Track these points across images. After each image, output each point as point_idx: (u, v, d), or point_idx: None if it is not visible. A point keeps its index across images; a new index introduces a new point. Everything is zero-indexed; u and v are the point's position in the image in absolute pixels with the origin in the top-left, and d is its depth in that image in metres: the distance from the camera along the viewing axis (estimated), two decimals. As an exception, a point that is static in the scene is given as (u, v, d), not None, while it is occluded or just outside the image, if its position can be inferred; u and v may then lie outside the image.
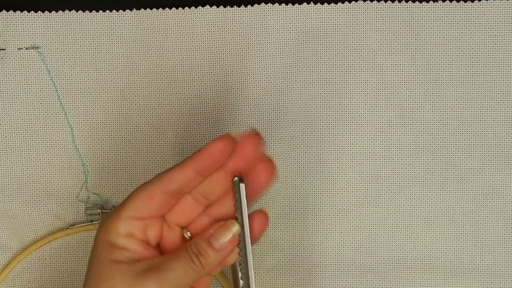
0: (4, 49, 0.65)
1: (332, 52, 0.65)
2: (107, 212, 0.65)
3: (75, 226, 0.66)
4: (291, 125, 0.66)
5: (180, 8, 0.65)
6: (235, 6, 0.65)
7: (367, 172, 0.66)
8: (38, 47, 0.65)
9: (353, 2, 0.65)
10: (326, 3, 0.65)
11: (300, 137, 0.66)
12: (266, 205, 0.65)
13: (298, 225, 0.66)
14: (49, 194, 0.66)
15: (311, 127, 0.66)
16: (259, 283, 0.66)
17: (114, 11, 0.65)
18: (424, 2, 0.65)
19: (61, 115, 0.66)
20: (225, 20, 0.65)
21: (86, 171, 0.66)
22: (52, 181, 0.66)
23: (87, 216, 0.66)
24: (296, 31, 0.65)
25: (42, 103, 0.66)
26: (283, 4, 0.65)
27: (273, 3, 0.65)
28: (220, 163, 0.52)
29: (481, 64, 0.65)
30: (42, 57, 0.65)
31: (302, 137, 0.66)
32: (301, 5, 0.65)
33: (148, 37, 0.65)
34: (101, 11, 0.65)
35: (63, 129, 0.66)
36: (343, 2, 0.65)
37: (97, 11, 0.65)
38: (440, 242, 0.66)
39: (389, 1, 0.65)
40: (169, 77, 0.65)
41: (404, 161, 0.66)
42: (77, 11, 0.65)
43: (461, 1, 0.65)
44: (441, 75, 0.65)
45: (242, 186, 0.54)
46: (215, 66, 0.65)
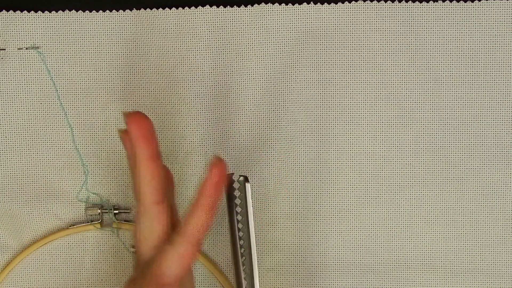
0: (4, 49, 0.65)
1: (332, 52, 0.65)
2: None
3: (75, 226, 0.66)
4: (291, 125, 0.66)
5: (180, 8, 0.65)
6: (235, 6, 0.65)
7: (367, 172, 0.66)
8: (38, 47, 0.65)
9: (353, 2, 0.65)
10: (326, 3, 0.65)
11: (300, 137, 0.66)
12: (266, 205, 0.66)
13: (298, 225, 0.66)
14: (49, 194, 0.66)
15: (311, 127, 0.66)
16: (259, 283, 0.66)
17: (114, 11, 0.65)
18: (424, 2, 0.65)
19: (61, 115, 0.66)
20: (225, 20, 0.65)
21: (86, 171, 0.66)
22: (52, 181, 0.66)
23: (87, 216, 0.66)
24: (296, 31, 0.65)
25: (42, 103, 0.66)
26: (283, 4, 0.65)
27: (273, 3, 0.65)
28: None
29: (481, 64, 0.65)
30: (42, 57, 0.65)
31: (302, 137, 0.66)
32: (301, 5, 0.65)
33: (148, 37, 0.65)
34: (101, 11, 0.65)
35: (63, 129, 0.66)
36: (343, 2, 0.65)
37: (97, 11, 0.65)
38: (440, 242, 0.66)
39: (389, 1, 0.65)
40: (169, 77, 0.65)
41: (404, 161, 0.66)
42: (77, 11, 0.65)
43: (461, 1, 0.65)
44: (441, 75, 0.65)
45: (248, 186, 0.54)
46: (215, 66, 0.65)
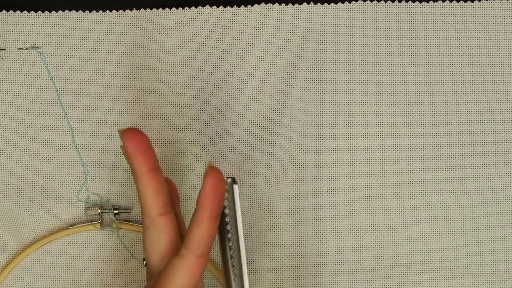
0: (4, 49, 0.65)
1: (332, 52, 0.65)
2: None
3: (75, 226, 0.66)
4: (291, 125, 0.66)
5: (180, 8, 0.65)
6: (235, 6, 0.65)
7: (367, 172, 0.66)
8: (38, 47, 0.65)
9: (353, 2, 0.65)
10: (326, 3, 0.65)
11: (300, 137, 0.66)
12: (267, 205, 0.66)
13: (298, 225, 0.66)
14: (49, 194, 0.66)
15: (311, 127, 0.66)
16: (259, 283, 0.66)
17: (114, 11, 0.65)
18: (424, 2, 0.65)
19: (61, 115, 0.66)
20: (225, 20, 0.65)
21: (86, 171, 0.66)
22: (52, 181, 0.66)
23: (87, 216, 0.66)
24: (296, 31, 0.65)
25: (42, 103, 0.66)
26: (283, 4, 0.65)
27: (273, 3, 0.65)
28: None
29: (481, 64, 0.65)
30: (42, 57, 0.65)
31: (302, 137, 0.66)
32: (301, 5, 0.65)
33: (148, 37, 0.65)
34: (101, 11, 0.65)
35: (63, 129, 0.66)
36: (343, 2, 0.65)
37: (97, 11, 0.65)
38: (440, 242, 0.66)
39: (389, 1, 0.65)
40: (169, 77, 0.65)
41: (404, 161, 0.66)
42: (77, 11, 0.65)
43: (461, 1, 0.65)
44: (441, 75, 0.65)
45: (236, 187, 0.54)
46: (215, 66, 0.65)
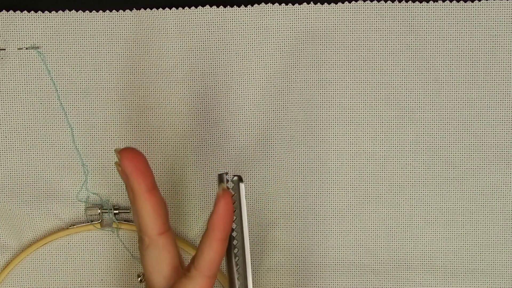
0: (4, 49, 0.65)
1: (332, 52, 0.65)
2: None
3: (75, 226, 0.66)
4: (291, 125, 0.66)
5: (180, 8, 0.65)
6: (235, 6, 0.65)
7: (367, 172, 0.66)
8: (38, 47, 0.65)
9: (353, 2, 0.65)
10: (326, 3, 0.65)
11: (300, 137, 0.66)
12: (266, 205, 0.66)
13: (298, 225, 0.66)
14: (49, 194, 0.66)
15: (311, 127, 0.66)
16: (259, 283, 0.66)
17: (114, 11, 0.65)
18: (424, 2, 0.65)
19: (61, 115, 0.66)
20: (225, 20, 0.65)
21: (86, 171, 0.66)
22: (52, 181, 0.66)
23: (87, 216, 0.66)
24: (296, 31, 0.65)
25: (42, 103, 0.66)
26: (283, 4, 0.65)
27: (273, 3, 0.65)
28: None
29: (481, 64, 0.65)
30: (42, 57, 0.65)
31: (302, 137, 0.66)
32: (301, 5, 0.65)
33: (148, 37, 0.65)
34: (101, 11, 0.65)
35: (63, 129, 0.66)
36: (343, 2, 0.65)
37: (97, 11, 0.65)
38: (440, 242, 0.66)
39: (389, 1, 0.65)
40: (169, 77, 0.65)
41: (404, 161, 0.66)
42: (77, 11, 0.65)
43: (461, 1, 0.65)
44: (441, 75, 0.65)
45: (242, 186, 0.54)
46: (215, 66, 0.65)
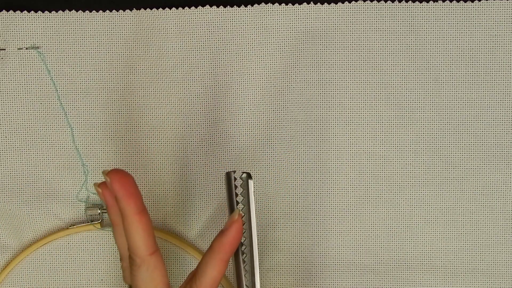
0: (4, 49, 0.65)
1: (332, 52, 0.65)
2: None
3: (75, 226, 0.66)
4: (291, 125, 0.66)
5: (180, 8, 0.65)
6: (235, 6, 0.65)
7: (367, 172, 0.66)
8: (38, 47, 0.65)
9: (353, 2, 0.65)
10: (326, 3, 0.65)
11: (300, 137, 0.66)
12: (267, 205, 0.66)
13: (298, 225, 0.66)
14: (49, 194, 0.66)
15: (311, 127, 0.66)
16: (260, 281, 0.66)
17: (114, 11, 0.65)
18: (424, 2, 0.65)
19: (61, 115, 0.66)
20: (225, 20, 0.65)
21: (86, 171, 0.66)
22: (52, 181, 0.66)
23: (87, 216, 0.66)
24: (296, 31, 0.65)
25: (42, 103, 0.66)
26: (283, 4, 0.65)
27: (273, 3, 0.65)
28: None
29: (481, 64, 0.65)
30: (42, 57, 0.65)
31: (302, 137, 0.66)
32: (301, 5, 0.65)
33: (148, 37, 0.65)
34: (101, 11, 0.65)
35: (63, 129, 0.66)
36: (343, 2, 0.65)
37: (97, 11, 0.65)
38: (440, 242, 0.66)
39: (389, 1, 0.65)
40: (169, 77, 0.65)
41: (404, 161, 0.66)
42: (77, 11, 0.65)
43: (461, 1, 0.65)
44: (441, 75, 0.65)
45: (251, 183, 0.54)
46: (215, 66, 0.65)
